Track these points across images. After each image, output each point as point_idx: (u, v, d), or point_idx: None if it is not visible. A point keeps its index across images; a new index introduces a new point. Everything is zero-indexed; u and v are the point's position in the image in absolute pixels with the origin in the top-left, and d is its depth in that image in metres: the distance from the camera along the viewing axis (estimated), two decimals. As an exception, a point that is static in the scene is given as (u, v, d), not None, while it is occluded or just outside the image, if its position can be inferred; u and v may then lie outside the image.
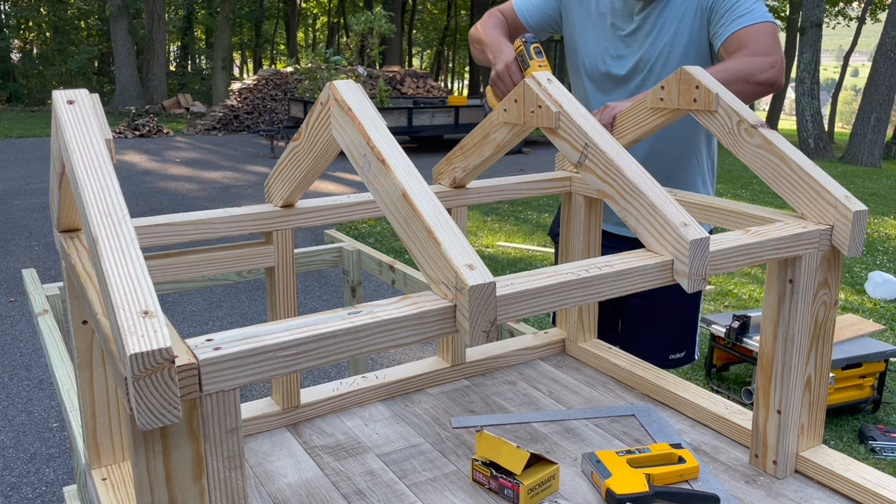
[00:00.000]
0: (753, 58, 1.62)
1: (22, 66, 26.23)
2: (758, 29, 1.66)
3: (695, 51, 1.82)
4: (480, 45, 1.91)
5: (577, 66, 1.98)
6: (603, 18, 1.90)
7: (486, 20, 1.98)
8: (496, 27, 1.94)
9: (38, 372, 3.82)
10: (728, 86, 1.55)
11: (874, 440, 3.16)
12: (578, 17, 1.94)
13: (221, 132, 15.90)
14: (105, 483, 1.15)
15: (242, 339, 0.73)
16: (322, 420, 1.42)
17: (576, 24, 1.95)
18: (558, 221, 2.18)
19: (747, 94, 1.61)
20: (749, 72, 1.61)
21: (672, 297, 1.91)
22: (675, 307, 1.98)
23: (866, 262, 6.32)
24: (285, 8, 31.74)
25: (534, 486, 1.13)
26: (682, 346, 2.04)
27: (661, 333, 2.01)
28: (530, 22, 1.98)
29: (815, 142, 15.39)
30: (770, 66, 1.62)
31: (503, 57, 1.74)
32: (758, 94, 1.63)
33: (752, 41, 1.65)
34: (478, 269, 0.82)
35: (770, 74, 1.62)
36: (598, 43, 1.91)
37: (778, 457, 1.21)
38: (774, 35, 1.67)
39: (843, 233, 1.12)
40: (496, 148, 1.39)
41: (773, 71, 1.62)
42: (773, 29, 1.68)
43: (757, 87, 1.61)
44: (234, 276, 2.03)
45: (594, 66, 1.93)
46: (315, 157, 1.12)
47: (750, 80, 1.60)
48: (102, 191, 0.80)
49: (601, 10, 1.90)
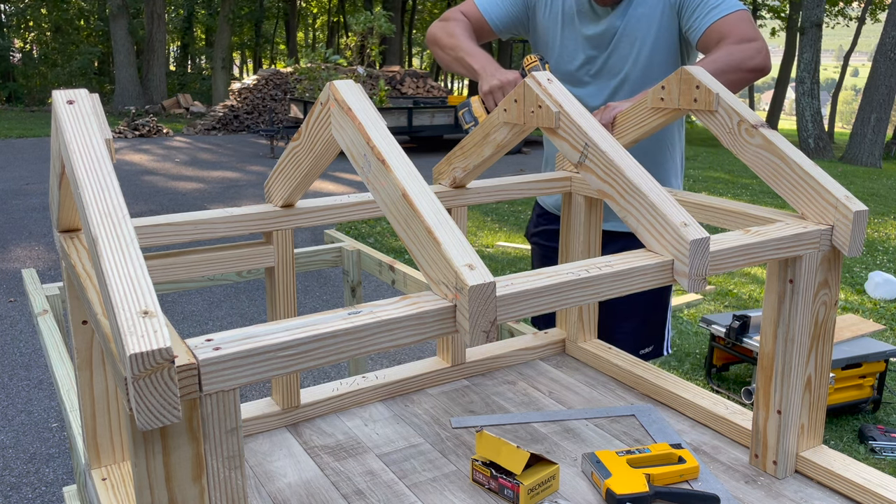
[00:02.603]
0: (740, 45, 1.63)
1: (22, 66, 26.22)
2: (735, 18, 1.67)
3: (664, 49, 1.82)
4: (455, 51, 1.87)
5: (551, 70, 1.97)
6: (570, 19, 1.89)
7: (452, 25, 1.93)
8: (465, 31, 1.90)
9: (38, 372, 3.82)
10: (720, 77, 1.56)
11: (874, 440, 3.16)
12: (545, 18, 1.93)
13: (221, 132, 15.90)
14: (105, 483, 1.15)
15: (242, 339, 0.73)
16: (322, 420, 1.42)
17: (543, 26, 1.94)
18: (534, 222, 2.18)
19: (739, 82, 1.62)
20: (738, 60, 1.62)
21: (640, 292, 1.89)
22: (644, 301, 1.96)
23: (866, 262, 6.32)
24: (285, 8, 31.75)
25: (534, 486, 1.13)
26: (650, 340, 2.03)
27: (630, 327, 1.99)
28: (497, 23, 1.95)
29: (815, 142, 15.39)
30: (757, 51, 1.63)
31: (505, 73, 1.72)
32: (749, 81, 1.64)
33: (733, 30, 1.66)
34: (478, 269, 0.82)
35: (759, 60, 1.63)
36: (565, 44, 1.90)
37: (778, 457, 1.21)
38: (751, 21, 1.68)
39: (843, 233, 1.12)
40: (496, 148, 1.39)
41: (761, 56, 1.64)
42: (748, 16, 1.69)
43: (748, 75, 1.63)
44: (234, 276, 2.03)
45: (562, 67, 1.92)
46: (315, 157, 1.12)
47: (741, 68, 1.61)
48: (102, 191, 0.80)
49: (567, 10, 1.88)
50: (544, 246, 2.13)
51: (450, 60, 1.91)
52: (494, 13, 1.94)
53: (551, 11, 1.91)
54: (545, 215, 2.12)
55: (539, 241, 2.15)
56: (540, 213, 2.14)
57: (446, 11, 2.03)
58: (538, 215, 2.15)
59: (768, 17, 26.56)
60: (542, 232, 2.12)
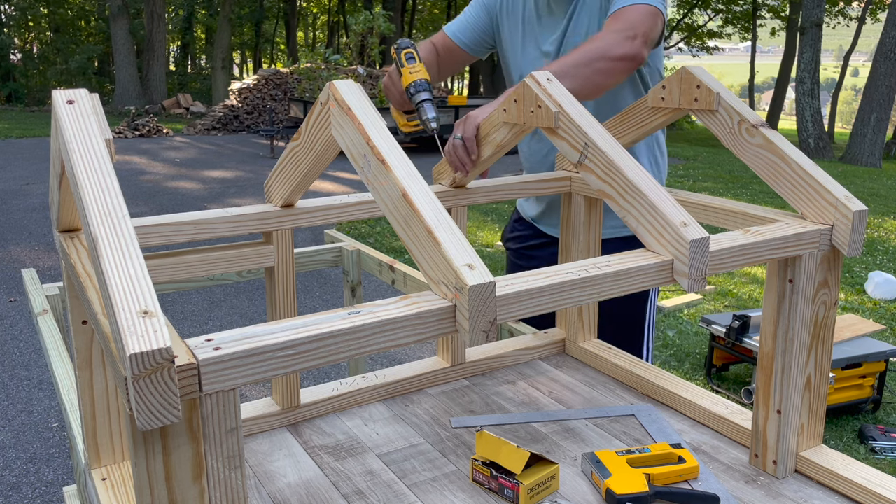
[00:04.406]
0: (610, 34, 1.56)
1: (22, 65, 26.22)
2: (632, 9, 1.60)
3: None
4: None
5: (516, 78, 1.95)
6: (531, 27, 1.88)
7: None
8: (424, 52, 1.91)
9: (38, 372, 3.82)
10: (587, 66, 1.51)
11: (874, 440, 3.16)
12: (508, 28, 1.92)
13: (221, 132, 15.89)
14: (105, 483, 1.15)
15: (242, 339, 0.73)
16: (322, 420, 1.42)
17: (507, 36, 1.93)
18: (509, 227, 2.18)
19: (610, 71, 1.54)
20: (603, 48, 1.54)
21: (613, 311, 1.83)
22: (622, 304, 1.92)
23: (866, 262, 6.31)
24: (285, 8, 31.74)
25: (534, 486, 1.13)
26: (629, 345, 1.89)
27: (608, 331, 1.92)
28: (465, 41, 1.95)
29: (815, 142, 15.39)
30: (627, 38, 1.54)
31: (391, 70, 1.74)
32: (622, 70, 1.56)
33: (619, 19, 1.59)
34: (478, 269, 0.82)
35: (628, 48, 1.54)
36: (526, 52, 1.90)
37: (778, 457, 1.21)
38: (647, 14, 1.59)
39: (843, 233, 1.12)
40: (496, 148, 1.38)
41: (631, 44, 1.54)
42: (648, 9, 1.59)
43: (617, 63, 1.54)
44: (233, 276, 2.03)
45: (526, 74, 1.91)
46: (315, 157, 1.12)
47: (606, 55, 1.53)
48: (102, 191, 0.80)
49: (528, 17, 1.87)
50: (513, 251, 2.15)
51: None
52: (460, 31, 1.95)
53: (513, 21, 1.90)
54: (520, 221, 2.13)
55: (511, 245, 2.16)
56: (517, 218, 2.15)
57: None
58: (514, 220, 2.16)
59: (768, 17, 26.56)
60: (517, 237, 2.14)
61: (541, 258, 2.04)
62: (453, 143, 1.46)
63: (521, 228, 2.12)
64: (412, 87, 1.57)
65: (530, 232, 2.08)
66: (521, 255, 2.11)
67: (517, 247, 2.13)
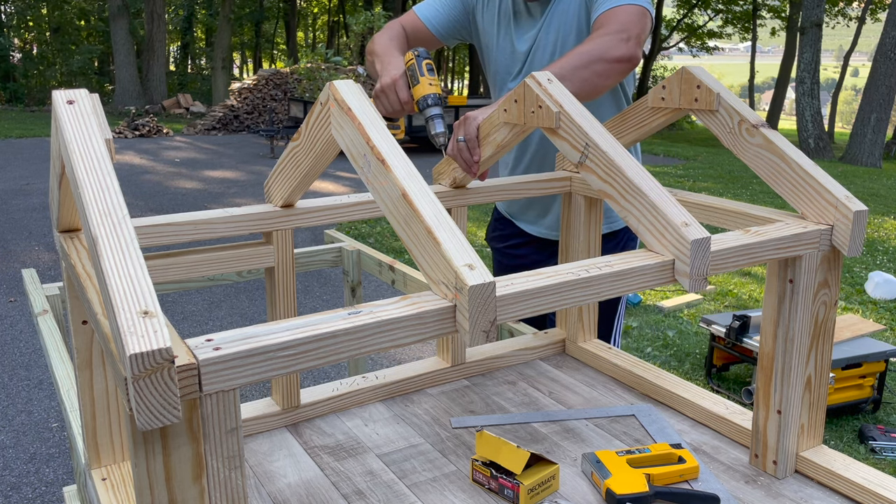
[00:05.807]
0: (605, 36, 1.57)
1: (22, 66, 26.21)
2: (622, 10, 1.61)
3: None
4: (373, 56, 1.80)
5: (492, 73, 1.94)
6: (508, 21, 1.87)
7: (383, 32, 1.88)
8: (392, 39, 1.84)
9: (38, 372, 3.82)
10: (585, 68, 1.51)
11: (874, 440, 3.16)
12: (486, 22, 1.91)
13: (221, 132, 15.89)
14: (105, 483, 1.15)
15: (242, 339, 0.73)
16: (322, 420, 1.42)
17: (485, 30, 1.92)
18: (491, 227, 2.18)
19: (608, 73, 1.55)
20: (601, 50, 1.54)
21: None
22: None
23: (866, 262, 6.31)
24: (285, 8, 31.75)
25: (534, 486, 1.13)
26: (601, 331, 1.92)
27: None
28: (439, 29, 1.91)
29: (815, 142, 15.39)
30: (622, 41, 1.55)
31: (391, 70, 1.63)
32: (619, 71, 1.57)
33: (610, 21, 1.60)
34: (478, 269, 0.82)
35: (623, 50, 1.55)
36: (501, 47, 1.89)
37: (778, 457, 1.21)
38: (637, 15, 1.60)
39: (843, 233, 1.12)
40: (496, 148, 1.38)
41: (626, 46, 1.55)
42: (637, 10, 1.61)
43: (615, 65, 1.55)
44: (233, 276, 2.03)
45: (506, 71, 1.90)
46: (315, 157, 1.12)
47: (604, 57, 1.54)
48: (102, 191, 0.80)
49: (504, 12, 1.87)
50: (497, 250, 2.15)
51: (369, 66, 1.85)
52: (435, 19, 1.91)
53: (491, 15, 1.89)
54: (501, 220, 2.13)
55: (495, 244, 2.17)
56: (497, 217, 2.15)
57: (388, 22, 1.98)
58: (495, 219, 2.17)
59: (768, 17, 26.58)
60: (498, 236, 2.15)
61: (524, 256, 2.06)
62: (457, 144, 1.45)
63: (502, 227, 2.13)
64: (429, 99, 1.53)
65: (511, 231, 2.09)
66: (504, 253, 2.13)
67: (500, 246, 2.14)
